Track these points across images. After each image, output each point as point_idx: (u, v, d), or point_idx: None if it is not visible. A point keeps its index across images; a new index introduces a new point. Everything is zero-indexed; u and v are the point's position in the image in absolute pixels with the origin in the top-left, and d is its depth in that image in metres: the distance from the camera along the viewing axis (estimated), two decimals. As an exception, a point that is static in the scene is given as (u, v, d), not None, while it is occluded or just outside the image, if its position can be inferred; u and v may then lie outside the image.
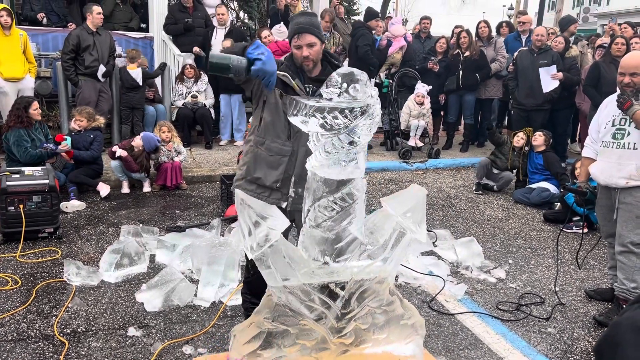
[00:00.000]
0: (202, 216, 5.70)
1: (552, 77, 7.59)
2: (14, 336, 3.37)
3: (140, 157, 6.35)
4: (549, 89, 7.60)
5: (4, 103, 6.97)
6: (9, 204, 4.76)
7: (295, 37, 2.93)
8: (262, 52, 2.55)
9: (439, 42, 8.98)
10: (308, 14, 3.03)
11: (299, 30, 2.91)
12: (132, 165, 6.30)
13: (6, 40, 6.87)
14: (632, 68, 3.66)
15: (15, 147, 5.71)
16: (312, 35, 2.91)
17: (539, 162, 6.75)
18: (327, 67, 3.04)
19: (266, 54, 2.56)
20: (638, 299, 1.03)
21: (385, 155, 8.57)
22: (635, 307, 1.02)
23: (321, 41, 2.97)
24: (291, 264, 2.58)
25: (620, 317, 1.01)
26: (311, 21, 2.93)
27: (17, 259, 4.48)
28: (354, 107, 2.37)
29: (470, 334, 3.61)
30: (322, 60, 3.04)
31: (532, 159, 6.87)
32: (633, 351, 0.97)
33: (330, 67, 3.03)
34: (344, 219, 2.59)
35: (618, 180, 3.71)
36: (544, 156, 6.72)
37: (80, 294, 3.94)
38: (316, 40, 2.93)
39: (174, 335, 3.43)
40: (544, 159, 6.70)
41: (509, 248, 5.18)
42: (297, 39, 2.92)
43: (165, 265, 4.33)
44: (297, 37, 2.92)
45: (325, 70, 3.03)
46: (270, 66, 2.57)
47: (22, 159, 5.71)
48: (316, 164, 2.54)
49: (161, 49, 9.27)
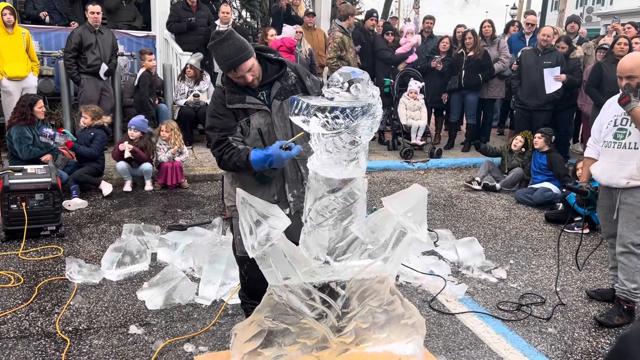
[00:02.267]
0: (203, 215, 5.71)
1: (555, 78, 7.58)
2: (16, 333, 3.38)
3: (143, 142, 6.43)
4: (552, 90, 7.59)
5: (7, 102, 6.99)
6: (12, 201, 4.77)
7: (232, 71, 2.83)
8: (267, 160, 2.76)
9: (442, 42, 8.98)
10: (225, 38, 2.77)
11: (232, 65, 2.79)
12: (142, 155, 6.36)
13: (9, 39, 6.88)
14: (627, 71, 3.67)
15: (17, 144, 5.73)
16: (246, 61, 2.80)
17: (543, 162, 6.76)
18: (267, 66, 2.98)
19: (270, 156, 2.74)
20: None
21: (386, 154, 8.57)
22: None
23: (254, 55, 2.86)
24: (292, 263, 2.58)
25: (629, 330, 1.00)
26: (236, 48, 2.77)
27: (19, 257, 4.49)
28: (355, 107, 2.37)
29: (470, 333, 3.62)
30: (258, 60, 2.93)
31: (535, 159, 6.87)
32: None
33: (269, 63, 2.98)
34: (345, 218, 2.60)
35: (619, 181, 3.71)
36: (548, 156, 6.73)
37: (82, 291, 3.95)
38: (251, 61, 2.82)
39: (175, 334, 3.45)
40: (548, 159, 6.71)
41: (510, 248, 5.18)
42: (235, 72, 2.83)
43: (166, 264, 4.34)
44: (233, 71, 2.82)
45: (267, 71, 2.97)
46: (280, 161, 2.78)
47: (23, 156, 5.73)
48: (317, 163, 2.55)
49: (163, 47, 9.29)
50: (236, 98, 2.90)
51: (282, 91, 2.93)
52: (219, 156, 2.91)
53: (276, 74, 2.96)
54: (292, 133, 2.96)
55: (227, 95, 2.91)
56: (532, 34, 9.16)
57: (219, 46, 2.77)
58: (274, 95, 2.93)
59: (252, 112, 2.92)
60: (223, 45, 2.76)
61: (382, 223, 2.72)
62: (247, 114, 2.92)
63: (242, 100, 2.90)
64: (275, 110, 2.93)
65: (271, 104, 2.93)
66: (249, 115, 2.92)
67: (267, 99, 2.95)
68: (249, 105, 2.91)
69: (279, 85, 2.94)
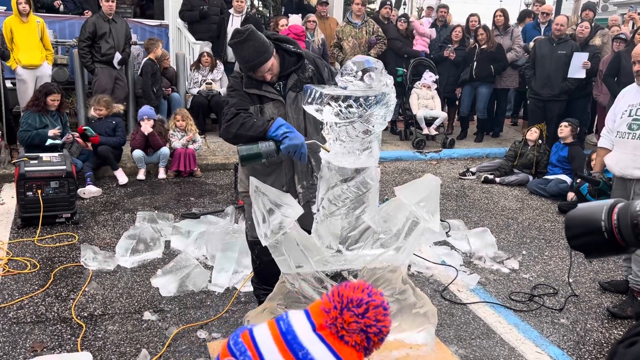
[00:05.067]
0: (216, 203, 5.74)
1: (583, 65, 7.48)
2: (32, 318, 3.44)
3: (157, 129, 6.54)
4: (575, 75, 7.47)
5: (22, 90, 7.05)
6: (28, 189, 4.83)
7: (251, 72, 2.85)
8: (286, 130, 2.61)
9: (454, 31, 8.90)
10: (245, 39, 2.74)
11: (251, 68, 2.80)
12: (158, 139, 6.45)
13: (24, 28, 6.93)
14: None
15: (21, 127, 5.81)
16: (265, 63, 2.80)
17: (564, 155, 6.57)
18: (285, 57, 2.98)
19: (290, 130, 2.61)
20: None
21: (399, 144, 8.55)
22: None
23: (274, 54, 2.86)
24: (305, 252, 2.60)
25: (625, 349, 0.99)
26: (256, 50, 2.76)
27: (35, 243, 4.56)
28: (368, 96, 2.37)
29: (482, 323, 3.62)
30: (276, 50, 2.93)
31: (557, 152, 6.72)
32: None
33: (287, 55, 2.98)
34: (357, 207, 2.61)
35: (634, 171, 3.68)
36: (571, 149, 6.53)
37: (97, 278, 4.00)
38: (270, 61, 2.83)
39: (189, 320, 3.49)
40: (570, 152, 6.54)
41: (523, 239, 5.17)
42: (254, 73, 2.85)
43: (180, 252, 4.38)
44: (252, 72, 2.84)
45: (285, 62, 2.97)
46: (298, 139, 2.60)
47: (21, 141, 5.79)
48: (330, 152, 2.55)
49: (176, 36, 9.30)
50: (253, 84, 2.92)
51: (298, 83, 2.94)
52: (234, 114, 2.79)
53: (294, 66, 2.97)
54: (304, 126, 2.98)
55: (245, 80, 2.94)
56: (548, 23, 9.04)
57: (238, 47, 2.77)
58: (289, 87, 2.94)
59: (267, 101, 2.94)
60: (243, 47, 2.76)
61: (395, 212, 2.73)
62: (261, 102, 2.93)
63: (259, 87, 2.93)
64: (290, 102, 2.94)
65: (286, 96, 2.94)
66: (263, 103, 2.94)
67: (282, 90, 2.96)
68: (264, 93, 2.93)
69: (296, 77, 2.95)
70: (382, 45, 8.64)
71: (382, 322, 1.68)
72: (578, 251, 1.17)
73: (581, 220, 1.14)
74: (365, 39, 8.58)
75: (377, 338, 1.68)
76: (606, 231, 1.10)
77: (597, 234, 1.11)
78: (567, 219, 1.17)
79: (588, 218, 1.13)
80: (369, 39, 8.60)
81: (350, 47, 8.48)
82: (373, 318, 1.66)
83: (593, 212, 1.13)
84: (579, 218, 1.15)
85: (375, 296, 1.69)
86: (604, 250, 1.13)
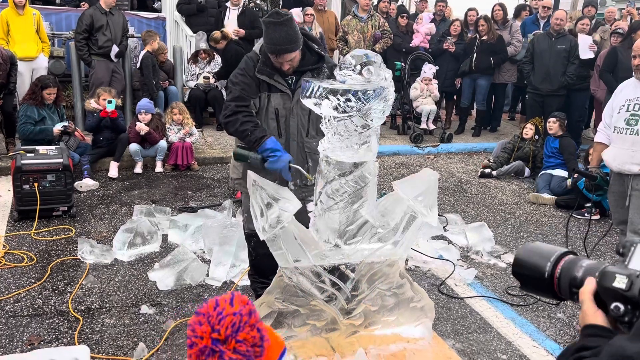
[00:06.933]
0: (213, 197, 5.73)
1: (589, 47, 7.55)
2: (29, 311, 3.44)
3: (154, 123, 6.51)
4: (586, 57, 7.61)
5: (18, 83, 7.01)
6: (24, 182, 4.82)
7: (274, 56, 2.83)
8: (271, 153, 2.78)
9: (453, 25, 8.88)
10: (282, 23, 2.73)
11: (276, 51, 2.79)
12: (155, 137, 6.43)
13: (20, 20, 6.89)
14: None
15: (19, 121, 5.79)
16: (291, 52, 2.80)
17: (555, 146, 6.67)
18: (306, 54, 2.96)
19: (274, 154, 2.78)
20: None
21: (396, 139, 8.54)
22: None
23: (299, 48, 2.85)
24: (302, 246, 2.60)
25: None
26: (288, 37, 2.74)
27: (32, 237, 4.55)
28: (367, 90, 2.36)
29: (479, 317, 3.63)
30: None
31: (548, 144, 6.80)
32: None
33: (309, 53, 2.97)
34: (355, 201, 2.60)
35: (631, 167, 3.68)
36: (561, 141, 6.65)
37: (94, 271, 4.00)
38: (296, 53, 2.83)
39: (186, 314, 3.49)
40: (561, 143, 6.64)
41: (520, 233, 5.18)
42: (276, 57, 2.83)
43: (177, 245, 4.38)
44: (275, 56, 2.82)
45: (304, 59, 2.96)
46: (281, 162, 2.79)
47: (21, 135, 5.77)
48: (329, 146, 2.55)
49: (173, 29, 9.26)
50: (266, 71, 2.92)
51: None
52: (236, 111, 2.87)
53: (312, 65, 2.96)
54: (307, 124, 2.99)
55: (259, 65, 2.92)
56: (547, 18, 9.02)
57: (272, 27, 2.74)
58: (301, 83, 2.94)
59: (275, 92, 2.94)
60: (277, 29, 2.73)
61: (393, 207, 2.73)
62: (269, 90, 2.94)
63: (271, 75, 2.92)
64: (298, 98, 2.93)
65: (295, 91, 2.93)
66: (271, 92, 2.94)
67: (293, 85, 2.96)
68: (274, 83, 2.93)
69: (310, 75, 2.94)
70: (388, 40, 8.61)
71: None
72: (517, 279, 1.24)
73: (529, 258, 1.20)
74: (370, 33, 8.55)
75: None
76: (547, 277, 1.16)
77: (538, 276, 1.18)
78: (517, 253, 1.23)
79: (536, 259, 1.19)
80: (375, 33, 8.57)
81: (355, 41, 8.44)
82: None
83: (542, 256, 1.19)
84: (529, 255, 1.21)
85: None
86: (540, 290, 1.21)
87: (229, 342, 1.31)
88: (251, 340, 1.33)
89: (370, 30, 8.54)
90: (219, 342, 1.31)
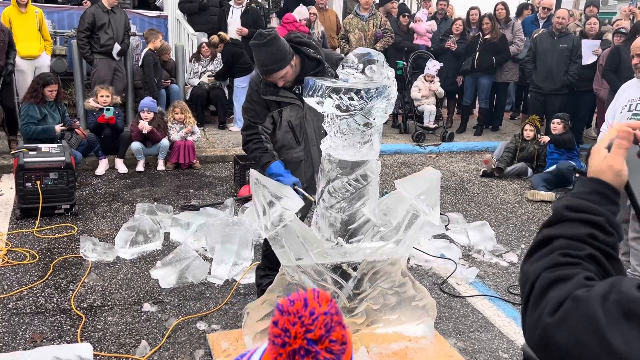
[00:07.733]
0: (215, 196, 5.74)
1: (593, 52, 7.54)
2: (32, 309, 3.45)
3: (156, 122, 6.52)
4: (589, 61, 7.61)
5: (21, 81, 7.01)
6: (27, 180, 4.83)
7: (264, 76, 2.91)
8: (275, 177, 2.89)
9: (455, 24, 8.87)
10: (265, 44, 2.78)
11: (265, 72, 2.87)
12: (157, 135, 6.44)
13: (22, 18, 6.89)
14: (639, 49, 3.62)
15: (22, 120, 5.80)
16: (279, 71, 2.85)
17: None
18: (304, 61, 2.98)
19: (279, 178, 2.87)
20: None
21: (398, 138, 8.54)
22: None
23: (290, 63, 2.89)
24: (305, 244, 2.60)
25: None
26: (273, 56, 2.80)
27: (34, 235, 4.56)
28: (369, 88, 2.36)
29: (481, 316, 3.64)
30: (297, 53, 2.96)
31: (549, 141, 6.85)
32: None
33: (308, 60, 2.98)
34: (357, 200, 2.61)
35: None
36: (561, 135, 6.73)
37: (96, 269, 4.01)
38: (285, 70, 2.87)
39: (188, 312, 3.49)
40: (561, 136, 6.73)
41: (522, 232, 5.18)
42: (267, 77, 2.91)
43: (179, 243, 4.39)
44: (265, 76, 2.90)
45: (304, 66, 2.98)
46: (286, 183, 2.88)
47: (25, 134, 5.79)
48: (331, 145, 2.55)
49: (175, 28, 9.26)
50: (270, 90, 2.98)
51: None
52: (247, 140, 3.07)
53: (312, 70, 2.98)
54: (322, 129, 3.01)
55: (262, 87, 2.98)
56: (547, 18, 9.01)
57: (257, 49, 2.82)
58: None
59: (285, 105, 2.99)
60: (261, 50, 2.80)
61: (395, 205, 2.73)
62: (279, 106, 3.00)
63: (276, 92, 2.98)
64: (308, 106, 2.94)
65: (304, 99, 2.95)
66: (282, 107, 3.00)
67: (301, 94, 2.97)
68: (282, 98, 2.98)
69: None
70: (389, 39, 8.60)
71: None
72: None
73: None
74: (371, 31, 8.54)
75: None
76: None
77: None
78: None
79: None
80: (376, 32, 8.56)
81: (356, 39, 8.43)
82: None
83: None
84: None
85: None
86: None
87: (323, 342, 1.32)
88: (341, 339, 1.36)
89: (372, 29, 8.54)
90: (313, 342, 1.32)
